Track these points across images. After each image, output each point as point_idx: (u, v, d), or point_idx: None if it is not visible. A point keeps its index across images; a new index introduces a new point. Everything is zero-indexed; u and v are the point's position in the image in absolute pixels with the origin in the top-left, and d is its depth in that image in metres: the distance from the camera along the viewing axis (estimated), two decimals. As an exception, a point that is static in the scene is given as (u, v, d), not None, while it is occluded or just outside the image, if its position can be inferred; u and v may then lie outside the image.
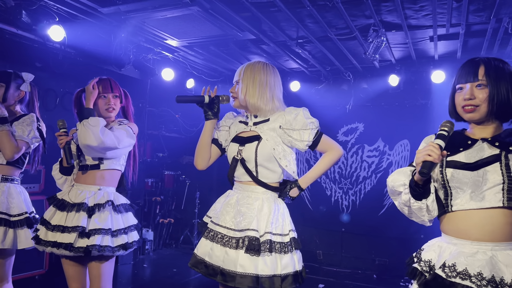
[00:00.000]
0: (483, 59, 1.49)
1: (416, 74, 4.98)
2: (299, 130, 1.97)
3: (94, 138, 2.13)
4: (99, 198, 2.26)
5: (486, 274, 1.30)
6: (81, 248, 2.13)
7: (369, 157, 5.43)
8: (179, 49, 4.63)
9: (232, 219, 1.92)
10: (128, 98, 2.52)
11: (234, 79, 2.08)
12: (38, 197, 4.31)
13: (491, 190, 1.39)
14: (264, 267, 1.80)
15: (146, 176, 5.81)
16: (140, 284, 4.57)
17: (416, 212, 1.51)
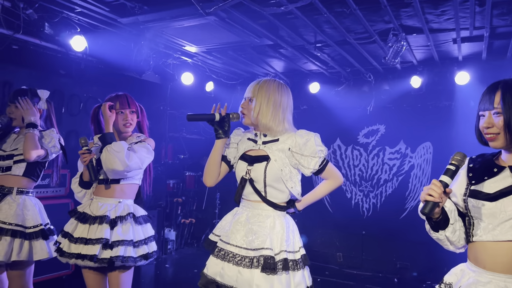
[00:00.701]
0: (502, 83, 1.44)
1: (439, 75, 4.84)
2: (307, 157, 1.95)
3: (121, 163, 2.21)
4: (120, 211, 2.33)
5: None
6: (105, 259, 2.20)
7: (391, 159, 5.34)
8: (198, 54, 4.66)
9: (244, 237, 1.90)
10: (144, 113, 2.58)
11: (245, 94, 2.05)
12: (64, 200, 4.47)
13: (507, 222, 1.36)
14: (279, 286, 1.80)
15: (167, 177, 5.92)
16: (162, 284, 4.68)
17: (438, 242, 1.52)
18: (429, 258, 4.81)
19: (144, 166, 2.38)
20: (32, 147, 2.47)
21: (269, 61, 5.05)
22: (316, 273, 5.26)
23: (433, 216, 1.45)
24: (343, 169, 5.64)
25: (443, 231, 1.48)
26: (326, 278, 5.09)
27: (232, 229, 1.95)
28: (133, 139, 2.46)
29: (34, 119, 2.54)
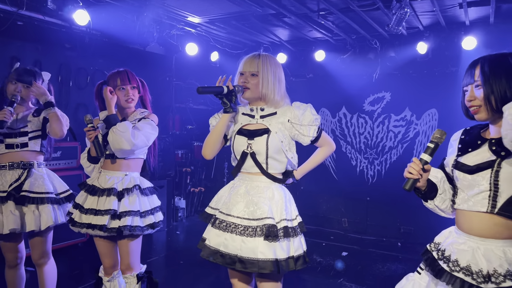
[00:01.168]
0: (482, 58, 1.49)
1: (446, 40, 4.77)
2: (306, 125, 2.05)
3: (128, 143, 2.29)
4: (127, 183, 2.43)
5: (462, 263, 1.44)
6: (114, 229, 2.33)
7: (396, 126, 5.36)
8: (201, 25, 4.65)
9: (245, 208, 1.99)
10: (146, 87, 2.61)
11: (244, 69, 2.07)
12: (76, 172, 4.63)
13: (479, 195, 1.47)
14: (281, 252, 1.92)
15: (176, 148, 6.04)
16: (174, 251, 4.89)
17: (433, 210, 1.65)
18: (432, 223, 4.90)
19: (150, 143, 2.44)
20: (61, 125, 2.60)
21: (273, 30, 5.01)
22: (322, 237, 5.43)
23: (421, 189, 1.56)
24: (348, 137, 5.69)
25: (432, 201, 1.60)
26: (331, 242, 5.25)
27: (232, 201, 2.03)
28: (137, 115, 2.51)
29: (50, 97, 2.63)
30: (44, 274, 2.74)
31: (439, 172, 1.63)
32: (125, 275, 2.45)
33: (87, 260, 4.31)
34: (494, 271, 1.38)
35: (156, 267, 4.32)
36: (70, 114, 4.96)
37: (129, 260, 2.43)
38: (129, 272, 2.44)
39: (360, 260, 4.58)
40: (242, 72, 2.08)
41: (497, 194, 1.42)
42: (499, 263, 1.39)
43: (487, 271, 1.39)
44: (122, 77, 2.43)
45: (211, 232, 2.04)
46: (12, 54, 4.33)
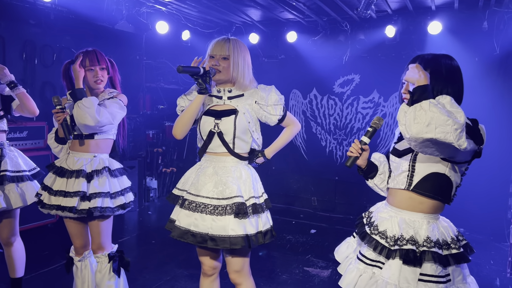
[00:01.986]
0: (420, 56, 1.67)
1: (413, 24, 4.89)
2: (272, 105, 2.15)
3: (91, 119, 2.27)
4: (96, 165, 2.44)
5: (381, 228, 1.71)
6: (84, 210, 2.35)
7: (364, 108, 5.51)
8: (172, 3, 4.58)
9: (214, 189, 2.05)
10: (115, 67, 2.58)
11: (215, 52, 2.09)
12: (43, 152, 4.55)
13: (401, 175, 1.71)
14: (250, 227, 2.02)
15: (147, 128, 5.99)
16: (145, 231, 4.92)
17: (373, 188, 1.89)
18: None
19: (116, 122, 2.43)
20: (32, 103, 2.65)
21: (245, 10, 4.99)
22: (292, 216, 5.59)
23: (361, 167, 1.84)
24: (318, 118, 5.80)
25: (372, 180, 1.86)
26: (301, 220, 5.42)
27: (200, 182, 2.09)
28: (105, 95, 2.49)
29: (11, 77, 2.62)
30: (13, 253, 2.76)
31: (382, 157, 1.89)
32: (96, 254, 2.48)
33: (56, 241, 4.28)
34: (401, 235, 1.64)
35: (128, 246, 4.36)
36: (37, 92, 4.82)
37: (100, 240, 2.47)
38: (101, 251, 2.47)
39: (327, 237, 4.77)
40: (213, 55, 2.10)
41: (413, 174, 1.66)
42: (406, 230, 1.65)
43: (398, 236, 1.64)
44: (91, 58, 2.40)
45: (180, 213, 2.09)
46: (-28, 30, 4.15)
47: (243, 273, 2.16)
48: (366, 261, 1.71)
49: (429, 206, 1.66)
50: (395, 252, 1.62)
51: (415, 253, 1.58)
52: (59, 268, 3.61)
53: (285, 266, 3.84)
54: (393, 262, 1.61)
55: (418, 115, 1.38)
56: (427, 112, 1.36)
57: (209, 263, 2.23)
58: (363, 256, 1.74)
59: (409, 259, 1.58)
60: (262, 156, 2.23)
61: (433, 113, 1.35)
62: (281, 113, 2.18)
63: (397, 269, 1.59)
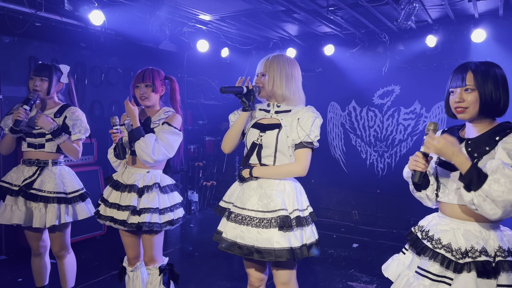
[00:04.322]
0: (471, 65, 1.65)
1: (455, 33, 4.79)
2: (300, 128, 2.11)
3: (149, 158, 2.39)
4: (147, 181, 2.51)
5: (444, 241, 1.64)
6: (133, 224, 2.44)
7: (405, 119, 5.41)
8: (212, 22, 4.73)
9: (259, 202, 2.08)
10: (174, 85, 2.65)
11: (258, 70, 2.21)
12: (93, 167, 4.78)
13: (458, 190, 1.65)
14: (295, 240, 2.03)
15: (188, 143, 6.17)
16: (188, 243, 5.02)
17: (419, 199, 1.83)
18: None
19: (173, 153, 2.50)
20: (73, 154, 2.75)
21: (282, 26, 5.08)
22: (333, 230, 5.52)
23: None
24: (358, 130, 5.75)
25: (425, 190, 1.78)
26: (342, 234, 5.34)
27: (246, 196, 2.12)
28: (161, 114, 2.57)
29: (54, 126, 2.67)
30: (64, 266, 2.87)
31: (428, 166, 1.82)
32: (148, 266, 2.56)
33: (105, 252, 4.46)
34: (472, 247, 1.57)
35: (172, 259, 4.42)
36: (86, 111, 5.10)
37: (151, 253, 2.54)
38: (152, 264, 2.55)
39: (370, 251, 4.67)
40: (257, 74, 2.22)
41: None
42: (476, 241, 1.58)
43: (465, 248, 1.58)
44: (138, 76, 2.52)
45: (227, 226, 2.13)
46: (30, 54, 4.47)
47: (290, 285, 2.17)
48: (432, 276, 1.63)
49: None
50: (467, 265, 1.55)
51: (491, 264, 1.53)
52: (108, 279, 3.75)
53: (328, 280, 3.79)
54: (466, 276, 1.54)
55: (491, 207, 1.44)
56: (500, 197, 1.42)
57: (256, 275, 2.26)
58: (426, 272, 1.65)
59: (485, 271, 1.52)
60: (249, 170, 2.14)
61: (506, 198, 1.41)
62: (299, 140, 2.10)
63: (472, 283, 1.52)
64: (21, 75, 4.42)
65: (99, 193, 4.68)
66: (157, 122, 2.55)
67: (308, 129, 2.09)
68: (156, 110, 2.60)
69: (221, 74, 6.27)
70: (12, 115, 2.67)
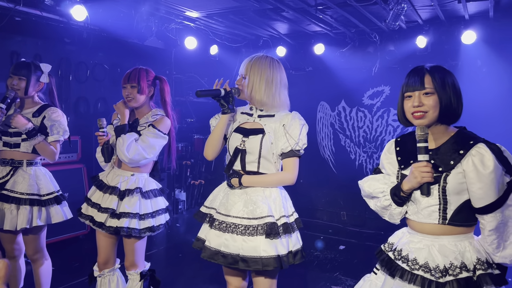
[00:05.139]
0: (427, 68, 1.57)
1: (445, 34, 4.74)
2: (287, 135, 2.04)
3: (123, 155, 2.34)
4: (130, 184, 2.43)
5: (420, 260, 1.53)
6: (111, 228, 2.37)
7: (395, 120, 5.35)
8: (200, 19, 4.65)
9: (244, 208, 2.01)
10: (164, 86, 2.55)
11: (240, 72, 2.11)
12: (76, 165, 4.69)
13: (428, 208, 1.54)
14: (282, 248, 1.97)
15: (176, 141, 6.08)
16: (174, 244, 4.96)
17: (394, 215, 1.68)
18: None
19: (153, 154, 2.42)
20: (49, 155, 2.66)
21: (272, 24, 5.00)
22: (320, 231, 5.47)
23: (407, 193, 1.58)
24: (347, 130, 5.70)
25: (406, 205, 1.63)
26: (329, 236, 5.30)
27: (230, 202, 2.05)
28: (149, 117, 2.51)
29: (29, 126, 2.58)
30: (39, 271, 2.77)
31: None
32: (129, 271, 2.49)
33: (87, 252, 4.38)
34: (451, 264, 1.47)
35: (156, 260, 4.39)
36: (71, 107, 5.01)
37: (133, 257, 2.47)
38: (133, 269, 2.48)
39: (357, 254, 4.63)
40: (239, 74, 2.13)
41: (446, 207, 1.51)
42: (454, 256, 1.48)
43: (443, 266, 1.48)
44: (125, 76, 2.47)
45: (210, 233, 2.06)
46: (12, 49, 4.36)
47: None
48: None
49: (468, 229, 1.54)
50: (450, 284, 1.45)
51: (472, 280, 1.45)
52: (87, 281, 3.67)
53: (312, 284, 3.75)
54: None
55: None
56: None
57: (236, 283, 2.19)
58: None
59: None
60: (239, 179, 2.05)
61: None
62: (288, 149, 2.04)
63: None
64: (2, 70, 4.30)
65: (82, 192, 4.61)
66: (144, 124, 2.47)
67: (297, 137, 2.03)
68: (146, 112, 2.54)
69: (210, 71, 6.18)
70: None
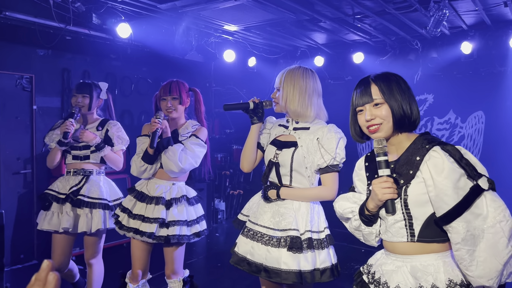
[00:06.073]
0: (372, 78, 1.48)
1: (492, 39, 4.53)
2: (323, 150, 2.02)
3: (176, 166, 2.40)
4: (174, 193, 2.52)
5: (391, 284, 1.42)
6: (162, 237, 2.43)
7: (439, 130, 5.16)
8: (238, 32, 4.73)
9: (271, 218, 2.04)
10: (198, 98, 2.67)
11: (275, 85, 2.15)
12: (121, 175, 4.88)
13: (395, 225, 1.43)
14: (305, 263, 1.94)
15: (215, 151, 6.19)
16: (213, 253, 5.02)
17: (367, 236, 1.57)
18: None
19: (198, 164, 2.51)
20: (117, 164, 2.91)
21: (309, 34, 5.01)
22: (361, 243, 5.30)
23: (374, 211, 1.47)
24: (389, 140, 5.55)
25: (375, 225, 1.52)
26: (371, 249, 5.12)
27: (260, 211, 2.09)
28: (189, 127, 2.58)
29: (97, 140, 2.85)
30: (92, 274, 2.95)
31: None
32: (170, 280, 2.55)
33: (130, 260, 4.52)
34: (420, 286, 1.36)
35: (195, 268, 4.46)
36: (116, 120, 5.23)
37: (174, 266, 2.53)
38: (174, 276, 2.54)
39: (399, 267, 4.46)
40: (274, 87, 2.17)
41: (412, 222, 1.40)
42: (424, 278, 1.37)
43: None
44: (164, 88, 2.54)
45: (240, 240, 2.11)
46: (63, 66, 4.65)
47: None
48: None
49: (440, 245, 1.39)
50: None
51: None
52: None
53: (351, 298, 3.65)
54: None
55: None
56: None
57: None
58: None
59: None
60: (276, 191, 2.06)
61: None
62: (324, 164, 2.01)
63: None
64: (55, 86, 4.60)
65: (126, 201, 4.80)
66: (185, 135, 2.55)
67: (333, 152, 1.99)
68: (182, 123, 2.62)
69: (249, 83, 6.27)
70: (56, 129, 2.92)
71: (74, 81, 4.70)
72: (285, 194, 2.06)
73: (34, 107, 4.40)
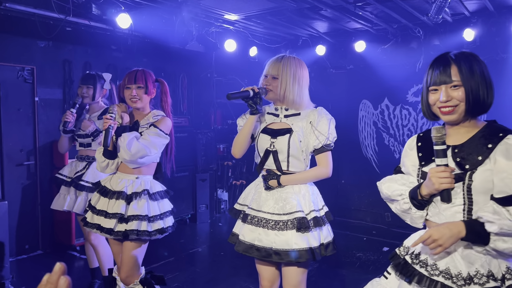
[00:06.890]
0: (453, 57, 1.43)
1: (495, 26, 4.48)
2: (319, 131, 2.10)
3: (125, 153, 2.29)
4: (136, 187, 2.40)
5: (441, 266, 1.40)
6: (120, 232, 2.31)
7: (441, 118, 5.14)
8: (239, 21, 4.71)
9: (274, 205, 2.09)
10: (165, 89, 2.53)
11: (267, 72, 2.15)
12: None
13: (451, 209, 1.41)
14: (313, 240, 2.04)
15: (217, 142, 6.20)
16: (216, 242, 5.05)
17: (415, 219, 1.56)
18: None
19: (155, 151, 2.39)
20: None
21: (310, 23, 4.97)
22: (363, 232, 5.36)
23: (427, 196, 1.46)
24: (391, 129, 5.54)
25: (427, 208, 1.51)
26: (373, 237, 5.17)
27: (262, 198, 2.14)
28: (150, 118, 2.47)
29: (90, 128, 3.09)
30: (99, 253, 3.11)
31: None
32: (128, 286, 2.41)
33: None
34: (477, 271, 1.34)
35: (199, 258, 4.51)
36: (118, 111, 5.25)
37: (129, 266, 2.40)
38: (131, 282, 2.41)
39: (401, 255, 4.48)
40: (266, 75, 2.17)
41: (471, 208, 1.38)
42: (480, 263, 1.35)
43: (467, 273, 1.35)
44: (130, 77, 2.40)
45: (244, 228, 2.15)
46: (64, 57, 4.65)
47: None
48: None
49: None
50: None
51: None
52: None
53: (353, 285, 3.68)
54: None
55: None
56: None
57: (269, 276, 2.24)
58: None
59: None
60: (277, 180, 2.12)
61: None
62: (319, 145, 2.10)
63: None
64: (57, 78, 4.61)
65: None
66: (145, 126, 2.43)
67: (326, 132, 2.09)
68: (146, 113, 2.49)
69: (250, 73, 6.24)
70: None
71: (76, 72, 4.71)
72: (286, 181, 2.12)
73: (36, 98, 4.42)
